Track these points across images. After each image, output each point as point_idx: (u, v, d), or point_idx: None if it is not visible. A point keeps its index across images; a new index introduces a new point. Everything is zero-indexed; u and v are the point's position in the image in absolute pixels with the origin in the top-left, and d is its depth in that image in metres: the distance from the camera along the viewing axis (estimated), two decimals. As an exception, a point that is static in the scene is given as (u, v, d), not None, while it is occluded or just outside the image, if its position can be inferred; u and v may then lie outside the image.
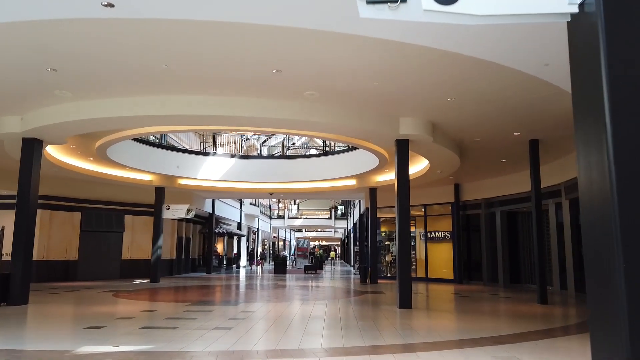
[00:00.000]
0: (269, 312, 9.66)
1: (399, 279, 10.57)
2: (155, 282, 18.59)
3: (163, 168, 18.17)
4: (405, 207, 10.90)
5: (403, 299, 10.47)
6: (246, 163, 20.14)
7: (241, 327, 7.62)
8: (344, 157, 18.75)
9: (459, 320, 8.88)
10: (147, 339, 6.62)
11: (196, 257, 28.69)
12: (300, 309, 10.25)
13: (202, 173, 19.35)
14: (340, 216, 57.94)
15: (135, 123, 10.04)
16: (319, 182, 20.39)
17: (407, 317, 9.22)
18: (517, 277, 17.97)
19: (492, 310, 10.84)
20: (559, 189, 14.80)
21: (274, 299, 12.70)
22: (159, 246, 19.03)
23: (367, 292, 14.71)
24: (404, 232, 10.79)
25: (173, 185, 19.50)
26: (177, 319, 8.63)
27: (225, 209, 31.30)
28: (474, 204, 19.62)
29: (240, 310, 9.98)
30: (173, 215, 19.27)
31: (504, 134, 11.65)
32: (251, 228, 41.42)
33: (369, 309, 10.48)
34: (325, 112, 9.71)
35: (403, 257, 10.68)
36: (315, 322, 8.30)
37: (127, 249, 21.63)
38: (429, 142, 11.15)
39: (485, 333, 7.31)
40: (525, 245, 17.83)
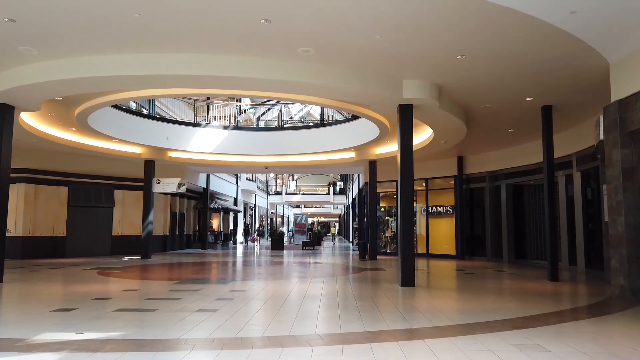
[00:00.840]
0: (260, 292, 8.93)
1: (401, 255, 9.82)
2: (146, 258, 17.90)
3: (152, 140, 17.26)
4: (409, 179, 10.07)
5: (405, 277, 9.74)
6: (240, 135, 19.20)
7: (228, 309, 6.87)
8: (342, 128, 17.84)
9: (467, 300, 8.15)
10: (119, 323, 5.87)
11: (191, 233, 28.02)
12: (295, 288, 9.52)
13: (194, 145, 18.44)
14: (338, 192, 57.22)
15: (111, 85, 9.10)
16: (316, 155, 19.51)
17: (409, 296, 8.50)
18: (522, 252, 17.29)
19: (500, 288, 10.12)
20: (570, 160, 13.96)
21: (267, 276, 11.99)
22: (150, 222, 18.27)
23: (366, 269, 14.01)
24: (406, 205, 9.99)
25: (163, 158, 18.61)
26: (159, 299, 7.88)
27: (221, 184, 30.49)
28: (478, 177, 18.80)
29: (229, 289, 9.24)
30: (164, 189, 18.44)
31: (516, 99, 10.74)
32: (248, 204, 40.70)
33: (368, 287, 9.76)
34: (321, 72, 8.78)
35: (405, 232, 9.90)
36: (310, 303, 7.56)
37: (118, 225, 20.89)
38: (434, 107, 10.25)
39: (498, 315, 6.56)
40: (532, 220, 17.10)
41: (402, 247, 9.86)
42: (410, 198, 10.06)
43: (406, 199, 9.99)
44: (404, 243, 9.85)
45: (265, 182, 51.66)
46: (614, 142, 8.21)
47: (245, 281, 10.76)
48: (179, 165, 21.18)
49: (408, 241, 9.88)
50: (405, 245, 9.84)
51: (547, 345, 4.85)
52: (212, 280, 10.82)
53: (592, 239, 13.09)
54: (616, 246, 8.16)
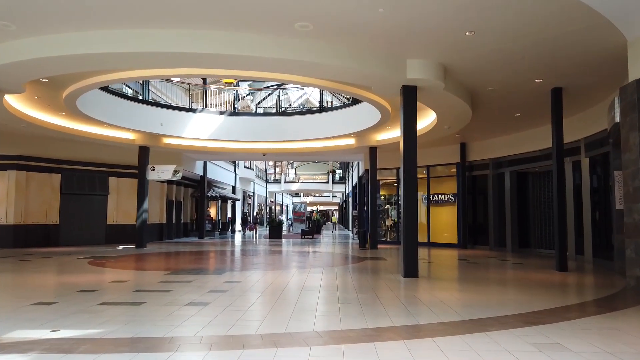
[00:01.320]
0: (256, 283, 8.48)
1: (404, 245, 9.37)
2: (141, 247, 17.46)
3: (146, 125, 16.72)
4: (412, 165, 9.57)
5: (408, 267, 9.30)
6: (237, 121, 18.65)
7: (220, 303, 6.42)
8: (342, 114, 17.30)
9: (474, 291, 7.71)
10: (101, 319, 5.41)
11: (188, 221, 27.59)
12: (292, 279, 9.07)
13: (189, 131, 17.90)
14: (338, 180, 56.77)
15: (96, 64, 8.54)
16: (315, 142, 19.00)
17: (413, 287, 8.06)
18: (525, 241, 16.86)
19: (507, 279, 9.68)
20: (578, 146, 13.47)
21: (265, 266, 11.55)
22: (144, 210, 17.80)
23: (366, 259, 13.59)
24: (409, 193, 9.51)
25: (158, 145, 18.09)
26: (148, 291, 7.43)
27: (219, 172, 30.00)
28: (481, 165, 18.31)
29: (224, 280, 8.79)
30: (158, 176, 17.94)
31: (525, 80, 10.21)
32: (246, 192, 40.24)
33: (370, 278, 9.32)
34: (319, 50, 8.24)
35: (408, 221, 9.43)
36: (308, 296, 7.11)
37: (113, 213, 20.43)
38: (439, 89, 9.72)
39: (509, 309, 6.12)
40: (536, 208, 16.64)
41: (405, 236, 9.40)
42: (413, 185, 9.58)
43: (409, 186, 9.51)
44: (406, 232, 9.39)
45: (264, 170, 51.18)
46: (632, 124, 7.70)
47: (241, 271, 10.31)
48: (175, 152, 20.66)
49: (411, 230, 9.42)
50: (408, 234, 9.38)
51: (568, 344, 4.40)
52: (206, 271, 10.38)
53: (601, 227, 12.65)
54: (631, 235, 7.70)
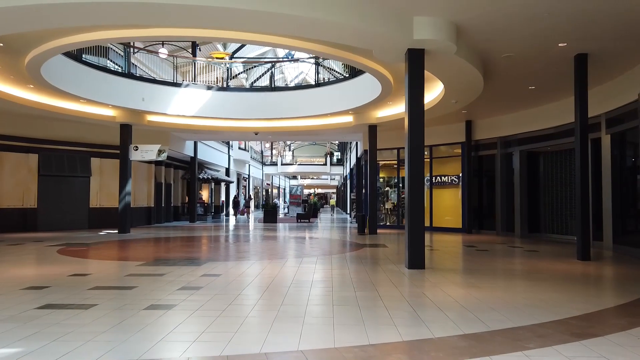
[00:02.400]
0: (238, 277, 7.32)
1: (409, 232, 8.20)
2: (124, 233, 16.31)
3: (126, 101, 15.41)
4: (419, 141, 8.35)
5: (414, 258, 8.15)
6: (226, 97, 17.33)
7: (186, 307, 5.25)
8: (339, 88, 16.00)
9: (494, 288, 6.57)
10: (25, 331, 4.24)
11: (179, 205, 26.43)
12: (281, 272, 7.92)
13: (174, 108, 16.58)
14: (336, 162, 55.52)
15: (49, 19, 7.22)
16: (311, 119, 17.72)
17: (420, 282, 6.92)
18: (535, 226, 15.75)
19: (526, 270, 8.54)
20: (598, 122, 12.23)
21: (252, 255, 10.40)
22: (127, 192, 16.59)
23: (365, 245, 12.46)
24: (416, 174, 8.30)
25: (141, 123, 16.80)
26: (107, 289, 6.26)
27: (211, 153, 28.73)
28: (488, 144, 17.10)
29: (202, 273, 7.63)
30: (142, 157, 16.69)
31: (547, 44, 8.93)
32: (241, 174, 39.01)
33: (369, 269, 8.17)
34: (313, 3, 6.94)
35: (414, 206, 8.25)
36: (297, 294, 5.96)
37: (95, 196, 19.24)
38: (450, 53, 8.46)
39: (543, 313, 4.98)
40: (547, 190, 15.48)
41: (409, 222, 8.23)
42: (420, 165, 8.38)
43: (415, 166, 8.30)
44: (412, 218, 8.21)
45: (260, 152, 49.86)
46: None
47: (224, 262, 9.15)
48: (162, 132, 19.37)
49: (417, 216, 8.23)
50: (413, 220, 8.21)
51: (641, 372, 3.26)
52: (186, 261, 9.22)
53: (623, 211, 11.51)
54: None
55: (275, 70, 22.29)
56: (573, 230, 14.23)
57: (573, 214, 14.32)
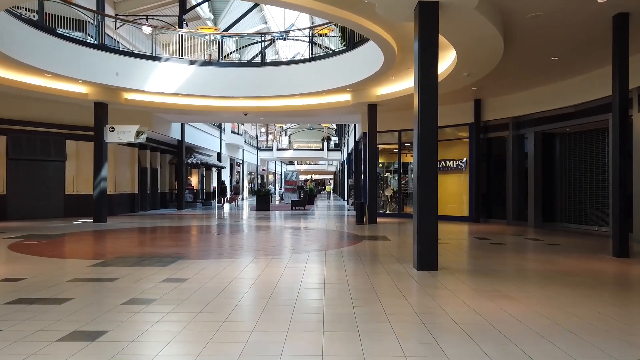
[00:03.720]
0: (208, 282, 5.90)
1: (419, 226, 6.77)
2: (100, 222, 14.87)
3: (99, 75, 13.84)
4: (431, 116, 6.89)
5: (424, 257, 6.74)
6: (211, 72, 15.74)
7: (118, 334, 3.82)
8: (336, 62, 14.44)
9: (530, 298, 5.17)
10: None
11: (167, 191, 24.97)
12: (262, 276, 6.49)
13: (152, 84, 15.00)
14: (333, 147, 53.99)
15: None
16: (305, 98, 16.19)
17: (436, 291, 5.51)
18: (550, 214, 14.37)
19: (558, 271, 7.10)
20: (629, 98, 10.75)
21: (232, 251, 8.97)
22: (103, 178, 15.10)
23: (364, 238, 11.06)
24: (428, 154, 6.85)
25: (118, 101, 15.24)
26: (29, 302, 4.83)
27: (201, 136, 27.20)
28: (499, 125, 15.63)
29: (166, 276, 6.21)
30: (119, 138, 15.16)
31: (584, 0, 7.44)
32: (235, 160, 37.49)
33: (370, 271, 6.76)
34: None
35: (426, 195, 6.80)
36: (276, 312, 4.55)
37: (72, 182, 17.77)
38: (469, 7, 6.95)
39: (619, 346, 3.57)
40: (565, 175, 14.05)
41: (419, 216, 6.79)
42: (433, 147, 6.90)
43: (427, 149, 6.84)
44: (422, 211, 6.77)
45: (255, 137, 48.27)
46: None
47: (198, 260, 7.72)
48: (144, 112, 17.83)
49: (429, 209, 6.79)
50: (424, 214, 6.77)
51: None
52: (152, 258, 7.80)
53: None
54: None
55: (270, 49, 20.71)
56: (594, 220, 12.87)
57: (594, 202, 12.94)
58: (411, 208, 18.69)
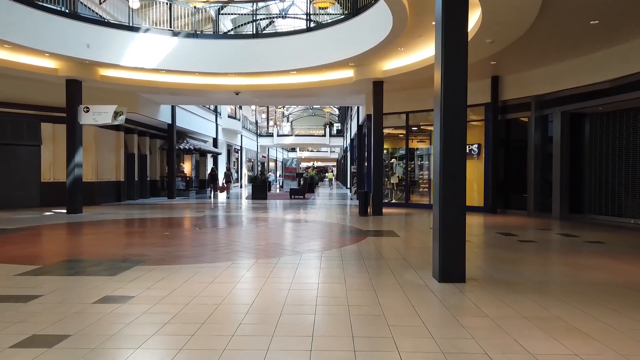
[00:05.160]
0: (154, 305, 4.34)
1: (442, 226, 5.17)
2: (74, 213, 13.36)
3: (67, 47, 12.21)
4: (459, 87, 5.29)
5: (449, 267, 5.15)
6: (197, 45, 14.06)
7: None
8: (337, 33, 12.74)
9: (607, 334, 3.61)
10: None
11: (158, 179, 23.41)
12: (233, 291, 4.94)
13: (130, 58, 13.34)
14: (335, 133, 52.26)
15: None
16: (303, 75, 14.52)
17: (471, 320, 3.95)
18: (578, 205, 12.77)
19: (624, 283, 5.50)
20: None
21: (208, 252, 7.41)
22: (77, 164, 13.55)
23: (369, 233, 9.49)
24: (453, 133, 5.24)
25: (92, 78, 13.61)
26: None
27: (195, 120, 25.58)
28: (519, 105, 13.94)
29: (105, 292, 4.68)
30: (94, 120, 13.56)
31: None
32: (232, 146, 35.87)
33: (377, 283, 5.20)
34: None
35: (451, 189, 5.18)
36: (244, 351, 2.99)
37: (48, 168, 16.24)
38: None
39: None
40: (595, 161, 12.42)
41: (443, 215, 5.18)
42: (460, 128, 5.27)
43: (454, 132, 5.24)
44: (447, 208, 5.16)
45: (255, 122, 46.56)
46: None
47: (160, 266, 6.16)
48: (128, 93, 16.23)
49: (455, 205, 5.16)
50: (450, 212, 5.16)
51: None
52: (106, 263, 6.26)
53: None
54: None
55: (268, 30, 18.99)
56: (629, 212, 11.29)
57: (630, 191, 11.34)
58: (418, 197, 17.10)
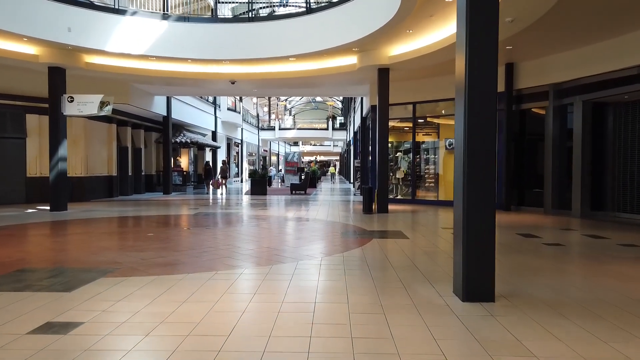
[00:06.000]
0: (104, 337, 3.44)
1: (468, 238, 4.20)
2: (58, 210, 12.49)
3: (47, 31, 11.26)
4: (490, 65, 4.31)
5: (475, 284, 4.20)
6: (188, 30, 13.09)
7: None
8: (340, 14, 11.75)
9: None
10: None
11: (153, 173, 22.51)
12: (207, 315, 4.03)
13: (115, 43, 12.37)
14: (338, 127, 51.22)
15: None
16: (303, 62, 13.55)
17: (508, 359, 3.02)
18: (600, 202, 11.80)
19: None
20: None
21: (187, 259, 6.46)
22: (61, 158, 12.66)
23: (374, 234, 8.55)
24: (480, 130, 4.26)
25: (77, 65, 12.67)
26: None
27: (192, 113, 24.67)
28: (536, 94, 12.94)
29: (50, 315, 3.78)
30: (79, 111, 12.64)
31: None
32: (232, 139, 34.94)
33: (387, 302, 4.27)
34: None
35: (478, 187, 4.21)
36: None
37: (34, 163, 15.37)
38: None
39: None
40: (620, 154, 11.44)
41: (468, 220, 4.20)
42: (489, 117, 4.31)
43: (481, 122, 4.25)
44: (474, 213, 4.18)
45: (256, 115, 45.59)
46: None
47: (130, 277, 5.25)
48: (118, 82, 15.31)
49: (483, 209, 4.19)
50: (476, 217, 4.19)
51: None
52: (69, 271, 5.37)
53: None
54: None
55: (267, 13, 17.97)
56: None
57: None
58: (424, 192, 16.15)
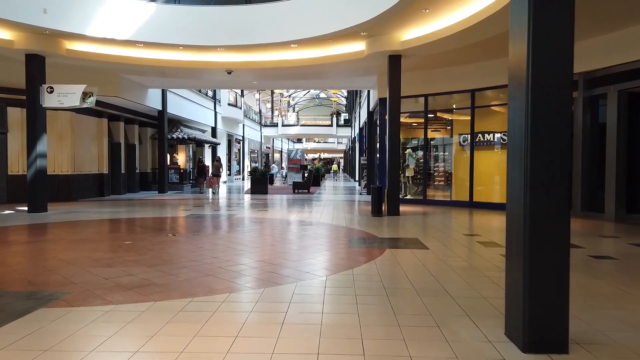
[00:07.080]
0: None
1: (529, 263, 3.01)
2: (36, 211, 11.37)
3: (19, 12, 10.09)
4: (566, 40, 3.11)
5: (541, 328, 3.02)
6: (178, 13, 11.89)
7: None
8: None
9: None
10: None
11: (149, 171, 21.38)
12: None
13: (97, 27, 11.18)
14: (343, 124, 49.99)
15: None
16: (304, 50, 12.35)
17: None
18: (637, 204, 10.57)
19: None
20: None
21: (161, 278, 5.27)
22: (39, 154, 11.53)
23: (388, 243, 7.35)
24: (549, 121, 3.08)
25: (56, 52, 11.50)
26: None
27: (191, 108, 23.53)
28: (563, 84, 11.68)
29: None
30: (60, 102, 11.49)
31: None
32: (233, 136, 33.79)
33: (418, 353, 3.08)
34: None
35: (548, 195, 3.05)
36: None
37: (16, 160, 14.28)
38: None
39: None
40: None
41: (532, 240, 3.03)
42: (565, 101, 3.13)
43: (552, 111, 3.07)
44: (542, 231, 3.02)
45: (259, 112, 44.41)
46: None
47: (80, 307, 4.09)
48: (107, 72, 14.18)
49: (555, 231, 3.02)
50: (545, 235, 3.02)
51: None
52: (5, 298, 4.23)
53: None
54: None
55: None
56: None
57: None
58: (434, 191, 14.91)
